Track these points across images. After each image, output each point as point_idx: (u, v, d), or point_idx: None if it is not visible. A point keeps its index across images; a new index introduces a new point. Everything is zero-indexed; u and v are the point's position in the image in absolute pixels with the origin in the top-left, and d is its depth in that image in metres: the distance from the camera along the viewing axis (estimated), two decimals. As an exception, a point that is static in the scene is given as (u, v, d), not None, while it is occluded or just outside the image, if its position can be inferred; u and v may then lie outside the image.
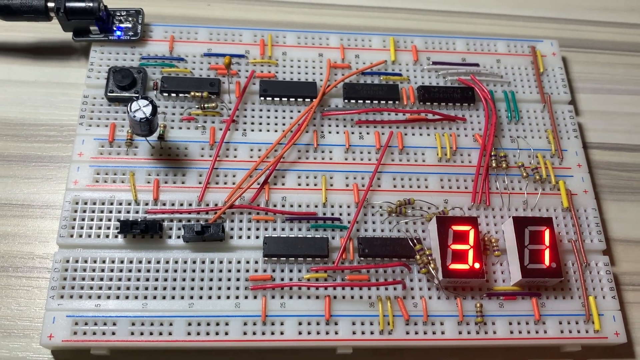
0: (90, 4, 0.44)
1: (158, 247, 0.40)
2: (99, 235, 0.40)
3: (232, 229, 0.41)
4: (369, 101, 0.46)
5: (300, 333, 0.39)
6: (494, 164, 0.45)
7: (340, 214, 0.42)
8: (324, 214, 0.42)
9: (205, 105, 0.44)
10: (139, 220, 0.40)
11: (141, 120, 0.39)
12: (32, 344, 0.39)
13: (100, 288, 0.39)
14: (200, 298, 0.39)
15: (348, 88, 0.46)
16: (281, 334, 0.39)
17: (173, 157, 0.43)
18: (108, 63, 0.46)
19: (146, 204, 0.41)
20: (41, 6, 0.44)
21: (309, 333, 0.39)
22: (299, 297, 0.40)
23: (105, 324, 0.38)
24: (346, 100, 0.46)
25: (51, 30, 0.48)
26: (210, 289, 0.39)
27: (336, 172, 0.44)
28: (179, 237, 0.40)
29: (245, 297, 0.39)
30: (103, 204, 0.41)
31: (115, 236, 0.40)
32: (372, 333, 0.39)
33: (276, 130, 0.45)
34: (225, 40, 0.48)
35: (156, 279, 0.39)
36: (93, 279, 0.39)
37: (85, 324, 0.38)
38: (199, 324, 0.38)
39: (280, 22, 0.53)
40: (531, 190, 0.45)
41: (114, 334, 0.37)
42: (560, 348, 0.41)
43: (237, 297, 0.39)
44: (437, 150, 0.45)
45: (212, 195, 0.42)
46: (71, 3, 0.44)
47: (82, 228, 0.40)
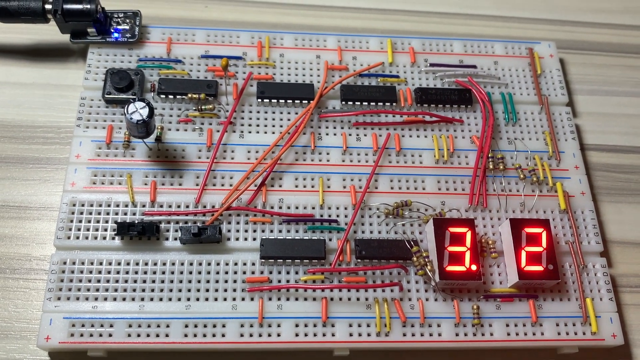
0: (88, 6, 0.44)
1: (155, 249, 0.40)
2: (96, 237, 0.40)
3: (229, 230, 0.41)
4: (367, 103, 0.46)
5: (297, 335, 0.39)
6: (491, 166, 0.45)
7: (338, 216, 0.42)
8: (321, 216, 0.42)
9: (203, 107, 0.45)
10: (136, 222, 0.40)
11: (138, 122, 0.39)
12: (29, 346, 0.39)
13: (97, 290, 0.39)
14: (197, 300, 0.39)
15: (345, 90, 0.46)
16: (278, 335, 0.39)
17: (170, 159, 0.43)
18: (105, 65, 0.46)
19: (143, 206, 0.41)
20: (39, 8, 0.44)
21: (306, 335, 0.39)
22: (296, 299, 0.40)
23: (102, 326, 0.38)
24: (343, 102, 0.46)
25: (49, 32, 0.48)
26: (207, 290, 0.39)
27: (333, 174, 0.44)
28: (176, 239, 0.40)
29: (242, 299, 0.39)
30: (100, 205, 0.41)
31: (112, 238, 0.40)
32: (369, 335, 0.39)
33: (273, 132, 0.45)
34: (222, 42, 0.48)
35: (153, 281, 0.39)
36: (90, 281, 0.39)
37: (82, 326, 0.38)
38: (195, 326, 0.38)
39: (277, 24, 0.53)
40: (528, 192, 0.45)
41: (110, 335, 0.37)
42: (557, 350, 0.41)
43: (234, 299, 0.39)
44: (435, 152, 0.45)
45: (209, 197, 0.42)
46: (69, 5, 0.44)
47: (79, 230, 0.40)
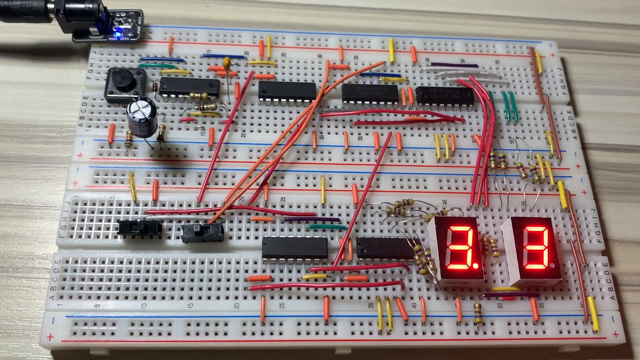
0: (90, 6, 0.45)
1: (157, 248, 0.40)
2: (98, 236, 0.40)
3: (232, 229, 0.41)
4: (368, 102, 0.46)
5: (299, 333, 0.39)
6: (493, 165, 0.45)
7: (339, 215, 0.42)
8: (323, 215, 0.42)
9: (205, 106, 0.45)
10: (139, 220, 0.40)
11: (140, 121, 0.39)
12: (32, 344, 0.39)
13: (100, 288, 0.39)
14: (200, 298, 0.39)
15: (347, 89, 0.46)
16: (280, 334, 0.39)
17: (172, 158, 0.43)
18: (108, 64, 0.46)
19: (145, 205, 0.41)
20: (41, 7, 0.44)
21: (308, 333, 0.39)
22: (298, 298, 0.40)
23: (104, 324, 0.38)
24: (345, 101, 0.46)
25: (51, 32, 0.48)
26: (209, 289, 0.39)
27: (335, 173, 0.44)
28: (178, 238, 0.40)
29: (245, 298, 0.39)
30: (102, 204, 0.41)
31: (115, 237, 0.40)
32: (371, 333, 0.39)
33: (275, 131, 0.45)
34: (224, 41, 0.48)
35: (155, 280, 0.39)
36: (92, 280, 0.39)
37: (85, 324, 0.38)
38: (198, 325, 0.38)
39: (279, 23, 0.53)
40: (530, 190, 0.45)
41: (113, 334, 0.38)
42: (558, 348, 0.41)
43: (236, 298, 0.39)
44: (436, 151, 0.45)
45: (212, 196, 0.42)
46: (71, 4, 0.45)
47: (82, 229, 0.40)
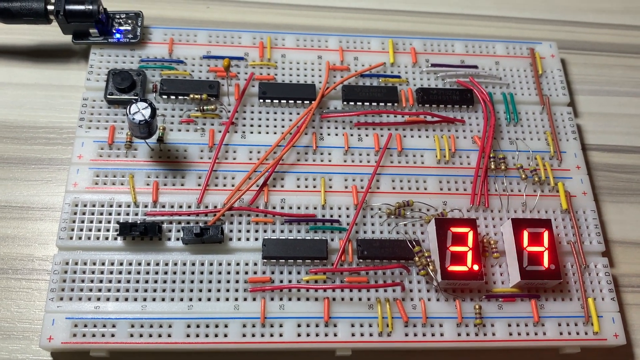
0: (90, 7, 0.45)
1: (157, 249, 0.40)
2: (98, 238, 0.40)
3: (231, 231, 0.41)
4: (368, 103, 0.46)
5: (299, 335, 0.39)
6: (493, 166, 0.45)
7: (339, 216, 0.42)
8: (323, 216, 0.42)
9: (205, 107, 0.45)
10: (138, 222, 0.40)
11: (140, 123, 0.39)
12: (32, 346, 0.39)
13: (100, 290, 0.39)
14: (200, 300, 0.39)
15: (347, 90, 0.46)
16: (280, 335, 0.39)
17: (172, 159, 0.43)
18: (107, 65, 0.46)
19: (145, 206, 0.41)
20: (41, 9, 0.44)
21: (308, 335, 0.39)
22: (298, 299, 0.40)
23: (104, 326, 0.38)
24: (345, 102, 0.46)
25: (51, 33, 0.48)
26: (209, 290, 0.39)
27: (335, 174, 0.44)
28: (178, 239, 0.40)
29: (245, 299, 0.39)
30: (102, 206, 0.41)
31: (115, 238, 0.40)
32: (371, 335, 0.39)
33: (275, 133, 0.45)
34: (224, 42, 0.48)
35: (155, 281, 0.39)
36: (92, 281, 0.39)
37: (85, 326, 0.38)
38: (198, 326, 0.38)
39: (279, 25, 0.53)
40: (530, 192, 0.45)
41: (113, 335, 0.37)
42: (559, 350, 0.41)
43: (236, 299, 0.39)
44: (436, 152, 0.45)
45: (211, 197, 0.42)
46: (71, 6, 0.45)
47: (82, 230, 0.40)
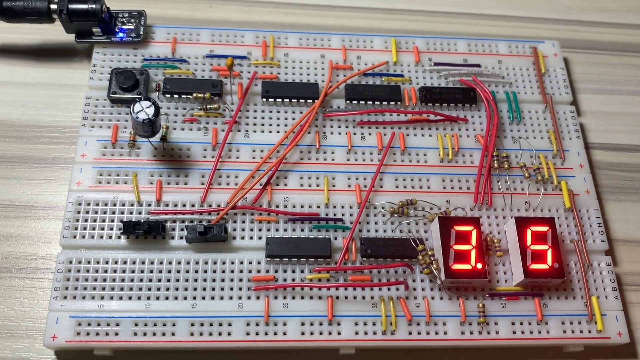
0: (93, 6, 0.45)
1: (161, 248, 0.40)
2: (101, 236, 0.40)
3: (235, 229, 0.41)
4: (371, 102, 0.46)
5: (302, 333, 0.39)
6: (496, 165, 0.45)
7: (343, 215, 0.42)
8: (327, 215, 0.42)
9: (208, 106, 0.45)
10: (142, 221, 0.40)
11: (144, 122, 0.39)
12: (36, 345, 0.39)
13: (103, 289, 0.39)
14: (203, 299, 0.39)
15: (350, 89, 0.46)
16: (284, 334, 0.39)
17: (176, 158, 0.43)
18: (111, 64, 0.46)
19: (149, 205, 0.41)
20: (44, 8, 0.45)
21: (312, 333, 0.39)
22: (302, 298, 0.40)
23: (108, 325, 0.38)
24: (348, 101, 0.46)
25: (54, 32, 0.48)
26: (213, 289, 0.39)
27: (338, 173, 0.44)
28: (181, 238, 0.40)
29: (248, 298, 0.39)
30: (106, 205, 0.41)
31: (118, 237, 0.40)
32: (375, 333, 0.39)
33: (278, 132, 0.45)
34: (227, 41, 0.48)
35: (159, 280, 0.39)
36: (96, 280, 0.39)
37: (89, 325, 0.38)
38: (201, 325, 0.38)
39: (282, 24, 0.53)
40: (533, 190, 0.45)
41: (117, 334, 0.38)
42: (562, 348, 0.41)
43: (240, 298, 0.39)
44: (439, 151, 0.45)
45: (215, 196, 0.42)
46: (74, 5, 0.45)
47: (85, 229, 0.40)
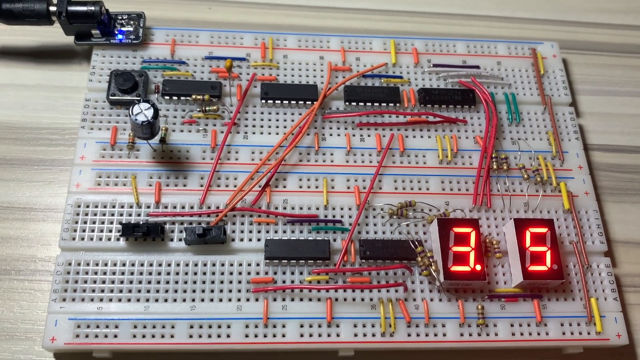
0: (92, 8, 0.45)
1: (160, 250, 0.40)
2: (101, 238, 0.40)
3: (234, 231, 0.41)
4: (370, 104, 0.46)
5: (302, 335, 0.39)
6: (495, 166, 0.45)
7: (342, 216, 0.42)
8: (325, 217, 0.42)
9: (207, 108, 0.45)
10: (141, 223, 0.40)
11: (143, 124, 0.39)
12: (35, 347, 0.39)
13: (102, 291, 0.39)
14: (202, 301, 0.39)
15: (349, 91, 0.46)
16: (283, 336, 0.39)
17: (175, 160, 0.43)
18: (110, 66, 0.46)
19: (148, 207, 0.41)
20: (43, 10, 0.45)
21: (311, 335, 0.39)
22: (301, 300, 0.40)
23: (107, 327, 0.38)
24: (347, 103, 0.46)
25: (53, 34, 0.48)
26: (212, 291, 0.39)
27: (337, 175, 0.44)
28: (180, 240, 0.40)
29: (247, 300, 0.39)
30: (105, 207, 0.41)
31: (117, 239, 0.40)
32: (374, 335, 0.39)
33: (277, 133, 0.45)
34: (226, 43, 0.48)
35: (158, 282, 0.39)
36: (95, 282, 0.39)
37: (88, 327, 0.38)
38: (200, 327, 0.38)
39: (281, 25, 0.53)
40: (532, 192, 0.45)
41: (116, 336, 0.38)
42: (562, 350, 0.41)
43: (239, 300, 0.39)
44: (438, 153, 0.45)
45: (214, 198, 0.42)
46: (73, 7, 0.45)
47: (84, 231, 0.40)
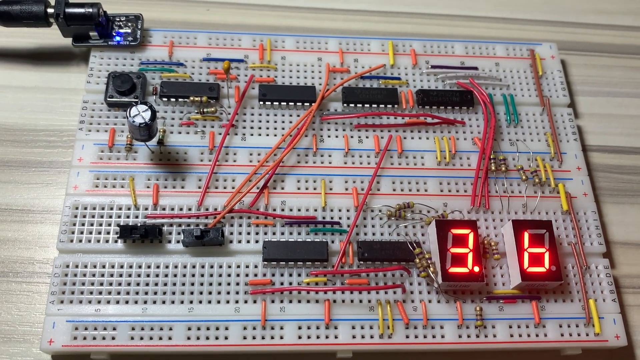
0: (90, 10, 0.45)
1: (158, 252, 0.40)
2: (98, 240, 0.40)
3: (232, 233, 0.41)
4: (368, 105, 0.46)
5: (300, 337, 0.39)
6: (493, 167, 0.45)
7: (340, 218, 0.42)
8: (324, 218, 0.42)
9: (205, 109, 0.45)
10: (139, 225, 0.40)
11: (140, 125, 0.39)
12: (32, 349, 0.39)
13: (100, 293, 0.39)
14: (200, 302, 0.39)
15: (347, 92, 0.46)
16: (281, 338, 0.39)
17: (172, 162, 0.43)
18: (107, 68, 0.46)
19: (146, 209, 0.41)
20: (41, 12, 0.45)
21: (309, 337, 0.39)
22: (299, 302, 0.40)
23: (105, 329, 0.38)
24: (345, 104, 0.46)
25: (51, 36, 0.48)
26: (209, 293, 0.39)
27: (335, 176, 0.44)
28: (178, 242, 0.40)
29: (245, 302, 0.39)
30: (103, 209, 0.41)
31: (115, 241, 0.40)
32: (372, 337, 0.39)
33: (275, 135, 0.45)
34: (224, 45, 0.48)
35: (156, 284, 0.39)
36: (93, 284, 0.39)
37: (85, 329, 0.38)
38: (198, 329, 0.38)
39: (279, 27, 0.53)
40: (530, 193, 0.45)
41: (113, 338, 0.37)
42: (560, 351, 0.41)
43: (237, 302, 0.39)
44: (437, 154, 0.45)
45: (212, 200, 0.42)
46: (71, 9, 0.45)
47: (82, 233, 0.40)
